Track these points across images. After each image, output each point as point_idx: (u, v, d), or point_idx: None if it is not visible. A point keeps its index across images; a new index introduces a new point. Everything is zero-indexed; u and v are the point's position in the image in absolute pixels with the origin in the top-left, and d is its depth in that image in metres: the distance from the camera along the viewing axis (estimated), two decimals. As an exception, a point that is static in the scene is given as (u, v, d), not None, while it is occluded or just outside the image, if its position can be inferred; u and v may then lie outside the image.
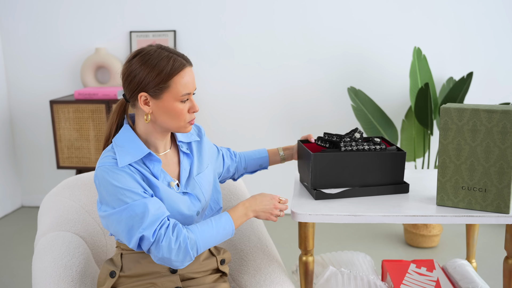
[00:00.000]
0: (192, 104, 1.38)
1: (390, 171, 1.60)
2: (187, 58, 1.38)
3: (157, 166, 1.39)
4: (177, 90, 1.33)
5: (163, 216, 1.30)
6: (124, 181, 1.30)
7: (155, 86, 1.32)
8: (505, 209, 1.50)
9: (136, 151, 1.36)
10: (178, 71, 1.33)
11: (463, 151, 1.51)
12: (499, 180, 1.48)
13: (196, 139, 1.54)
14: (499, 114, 1.44)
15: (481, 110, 1.46)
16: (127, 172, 1.32)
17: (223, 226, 1.37)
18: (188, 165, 1.49)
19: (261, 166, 1.76)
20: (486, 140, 1.47)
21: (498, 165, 1.48)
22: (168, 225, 1.29)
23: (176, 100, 1.34)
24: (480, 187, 1.51)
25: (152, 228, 1.27)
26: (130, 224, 1.28)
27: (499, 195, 1.49)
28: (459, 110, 1.48)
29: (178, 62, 1.33)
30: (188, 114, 1.38)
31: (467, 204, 1.54)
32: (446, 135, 1.52)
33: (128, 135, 1.39)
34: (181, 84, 1.33)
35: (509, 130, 1.44)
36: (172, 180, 1.42)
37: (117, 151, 1.35)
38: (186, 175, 1.47)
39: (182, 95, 1.34)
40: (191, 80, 1.36)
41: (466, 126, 1.49)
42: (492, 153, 1.47)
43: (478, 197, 1.52)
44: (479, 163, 1.50)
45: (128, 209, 1.28)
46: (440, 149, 1.54)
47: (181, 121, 1.37)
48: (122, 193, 1.29)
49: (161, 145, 1.44)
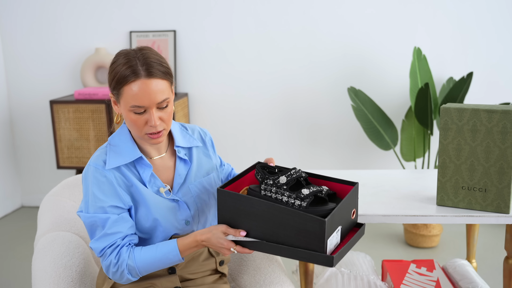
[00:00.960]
0: (149, 118, 1.29)
1: (306, 236, 1.21)
2: (154, 70, 1.27)
3: (147, 171, 1.36)
4: (126, 100, 1.27)
5: (117, 236, 1.31)
6: (101, 191, 1.32)
7: (113, 90, 1.31)
8: (505, 209, 1.50)
9: (127, 153, 1.35)
10: (127, 80, 1.26)
11: (463, 151, 1.51)
12: (499, 180, 1.48)
13: (197, 144, 1.48)
14: (499, 114, 1.44)
15: (481, 110, 1.46)
16: (110, 179, 1.32)
17: (167, 255, 1.31)
18: (185, 171, 1.44)
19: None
20: (486, 140, 1.47)
21: (498, 165, 1.48)
22: (116, 246, 1.31)
23: (128, 110, 1.29)
24: (480, 187, 1.51)
25: (102, 245, 1.31)
26: (92, 229, 1.34)
27: (499, 195, 1.49)
28: (459, 110, 1.48)
29: (129, 71, 1.26)
30: (147, 126, 1.30)
31: (467, 204, 1.54)
32: (446, 135, 1.52)
33: (124, 135, 1.38)
34: (129, 95, 1.26)
35: (509, 130, 1.44)
36: (162, 186, 1.39)
37: (109, 150, 1.35)
38: (180, 181, 1.42)
39: (131, 106, 1.27)
40: (143, 93, 1.26)
41: (466, 126, 1.49)
42: (492, 153, 1.48)
43: (478, 197, 1.52)
44: (479, 163, 1.50)
45: (93, 218, 1.32)
46: (440, 149, 1.54)
47: (138, 131, 1.31)
48: (93, 201, 1.32)
49: (151, 149, 1.40)
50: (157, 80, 1.27)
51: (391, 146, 3.02)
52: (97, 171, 1.33)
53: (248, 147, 3.51)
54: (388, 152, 3.36)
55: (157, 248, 1.32)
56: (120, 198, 1.33)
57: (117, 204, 1.33)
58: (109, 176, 1.32)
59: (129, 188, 1.35)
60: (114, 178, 1.33)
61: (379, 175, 1.89)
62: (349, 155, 3.41)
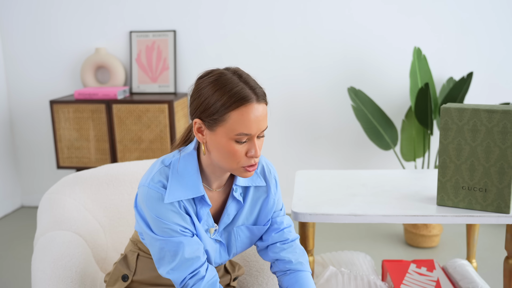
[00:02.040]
0: (250, 147, 1.15)
1: None
2: (260, 92, 1.15)
3: (204, 208, 1.24)
4: (232, 127, 1.12)
5: (198, 264, 1.20)
6: (165, 216, 1.19)
7: (210, 116, 1.13)
8: (505, 209, 1.50)
9: (191, 188, 1.20)
10: (239, 105, 1.11)
11: (464, 151, 1.51)
12: (500, 180, 1.48)
13: (261, 184, 1.31)
14: (500, 114, 1.44)
15: (481, 110, 1.46)
16: (171, 209, 1.19)
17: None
18: (234, 211, 1.30)
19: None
20: (487, 140, 1.47)
21: (498, 165, 1.48)
22: (200, 277, 1.20)
23: (230, 138, 1.13)
24: (481, 187, 1.51)
25: (183, 274, 1.19)
26: (161, 255, 1.21)
27: (500, 195, 1.49)
28: (460, 110, 1.48)
29: (242, 94, 1.12)
30: (245, 157, 1.16)
31: (468, 204, 1.54)
32: (447, 135, 1.52)
33: (191, 165, 1.22)
34: (238, 122, 1.11)
35: (509, 130, 1.44)
36: (213, 226, 1.27)
37: (171, 180, 1.20)
38: (227, 222, 1.30)
39: (237, 134, 1.13)
40: (255, 119, 1.13)
41: (466, 126, 1.49)
42: (492, 153, 1.47)
43: (479, 197, 1.52)
44: (479, 163, 1.50)
45: (162, 241, 1.20)
46: (441, 149, 1.54)
47: (234, 163, 1.16)
48: (160, 225, 1.20)
49: (216, 181, 1.27)
50: (264, 105, 1.16)
51: (391, 146, 3.02)
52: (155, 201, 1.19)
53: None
54: (388, 152, 3.36)
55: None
56: (184, 219, 1.21)
57: (185, 225, 1.20)
58: (169, 207, 1.19)
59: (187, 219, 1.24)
60: (175, 209, 1.20)
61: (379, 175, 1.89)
62: (349, 155, 3.41)
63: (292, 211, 1.56)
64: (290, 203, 3.54)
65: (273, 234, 1.36)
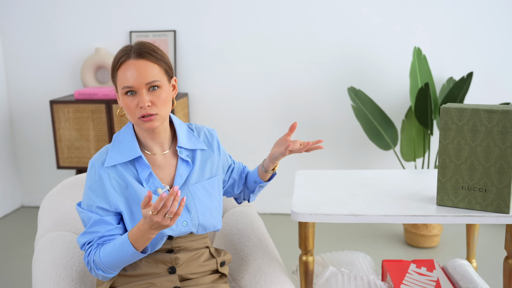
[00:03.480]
0: (139, 99, 1.31)
1: None
2: (142, 52, 1.32)
3: (145, 170, 1.38)
4: (119, 83, 1.33)
5: (95, 235, 1.35)
6: (93, 190, 1.36)
7: (112, 80, 1.36)
8: (505, 209, 1.49)
9: (128, 151, 1.37)
10: (119, 64, 1.32)
11: (463, 151, 1.51)
12: (499, 180, 1.48)
13: (202, 147, 1.48)
14: (499, 114, 1.44)
15: (481, 110, 1.46)
16: (103, 179, 1.35)
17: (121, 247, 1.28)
18: (186, 172, 1.44)
19: (255, 182, 1.63)
20: (486, 140, 1.47)
21: (498, 165, 1.48)
22: (91, 244, 1.36)
23: (122, 94, 1.33)
24: (480, 187, 1.51)
25: (82, 240, 1.37)
26: (82, 223, 1.41)
27: (499, 195, 1.49)
28: (459, 110, 1.48)
29: (120, 55, 1.32)
30: (138, 109, 1.32)
31: (467, 204, 1.53)
32: (446, 135, 1.52)
33: (127, 133, 1.41)
34: (120, 78, 1.32)
35: (509, 130, 1.44)
36: (161, 186, 1.39)
37: (112, 147, 1.39)
38: (181, 182, 1.42)
39: (123, 88, 1.32)
40: (132, 74, 1.30)
41: (466, 126, 1.49)
42: (492, 153, 1.47)
43: (478, 197, 1.52)
44: (479, 163, 1.50)
45: (83, 213, 1.38)
46: (440, 149, 1.54)
47: (132, 115, 1.33)
48: (86, 198, 1.38)
49: (153, 145, 1.42)
50: (146, 62, 1.31)
51: (391, 146, 3.02)
52: (93, 169, 1.37)
53: (248, 147, 3.51)
54: (388, 152, 3.36)
55: (115, 241, 1.32)
56: (108, 200, 1.36)
57: (104, 206, 1.36)
58: (103, 176, 1.35)
59: (123, 191, 1.36)
60: (108, 179, 1.36)
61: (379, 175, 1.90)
62: (349, 155, 3.41)
63: (292, 211, 1.56)
64: (290, 203, 3.54)
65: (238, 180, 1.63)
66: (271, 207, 3.58)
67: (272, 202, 3.57)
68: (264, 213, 3.58)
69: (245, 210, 1.93)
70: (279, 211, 3.59)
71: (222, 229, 1.86)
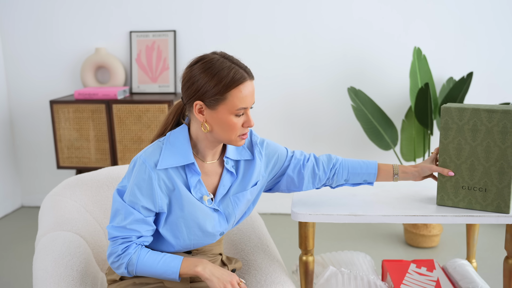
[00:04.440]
0: (247, 119, 1.34)
1: None
2: (249, 71, 1.34)
3: (195, 177, 1.37)
4: (233, 103, 1.30)
5: (134, 233, 1.34)
6: (139, 188, 1.33)
7: (212, 97, 1.29)
8: (505, 209, 1.49)
9: (182, 155, 1.35)
10: (237, 84, 1.29)
11: (464, 150, 1.51)
12: (499, 179, 1.48)
13: (247, 158, 1.47)
14: (500, 114, 1.44)
15: (481, 110, 1.46)
16: (152, 179, 1.33)
17: (166, 269, 1.34)
18: (229, 183, 1.45)
19: (366, 181, 1.60)
20: (487, 139, 1.47)
21: (498, 165, 1.48)
22: (130, 241, 1.35)
23: (231, 113, 1.31)
24: (480, 187, 1.51)
25: (117, 233, 1.34)
26: (114, 212, 1.37)
27: (499, 195, 1.49)
28: (460, 109, 1.48)
29: (238, 75, 1.29)
30: (241, 128, 1.34)
31: (467, 203, 1.53)
32: (447, 135, 1.52)
33: (183, 136, 1.38)
34: (238, 98, 1.29)
35: (509, 130, 1.44)
36: (206, 194, 1.40)
37: (165, 148, 1.35)
38: (223, 192, 1.44)
39: (238, 109, 1.30)
40: (250, 94, 1.32)
41: (466, 125, 1.49)
42: (492, 152, 1.47)
43: (478, 197, 1.52)
44: (479, 162, 1.50)
45: (122, 205, 1.35)
46: (441, 148, 1.54)
47: (233, 134, 1.34)
48: (130, 194, 1.34)
49: (209, 154, 1.41)
50: (253, 81, 1.35)
51: (391, 146, 3.02)
52: (143, 167, 1.33)
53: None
54: (388, 152, 3.37)
55: (161, 259, 1.34)
56: (153, 200, 1.34)
57: (149, 207, 1.34)
58: (152, 177, 1.33)
59: (170, 192, 1.36)
60: (157, 180, 1.33)
61: (379, 175, 1.89)
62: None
63: (292, 211, 1.56)
64: (290, 203, 3.54)
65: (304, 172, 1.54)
66: (271, 207, 3.58)
67: (272, 202, 3.57)
68: (264, 213, 3.58)
69: (245, 210, 1.93)
70: (279, 211, 3.59)
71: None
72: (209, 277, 1.32)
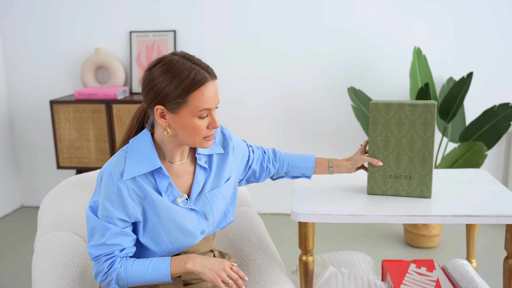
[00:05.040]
0: (212, 120, 1.29)
1: None
2: (211, 71, 1.29)
3: (164, 181, 1.34)
4: (195, 105, 1.25)
5: (116, 248, 1.31)
6: (110, 201, 1.30)
7: (173, 100, 1.25)
8: (427, 193, 1.62)
9: (147, 162, 1.31)
10: (198, 86, 1.24)
11: (390, 142, 1.63)
12: (422, 167, 1.61)
13: (219, 151, 1.45)
14: (421, 108, 1.57)
15: (405, 105, 1.59)
16: (121, 190, 1.29)
17: (157, 274, 1.32)
18: (203, 179, 1.41)
19: (304, 174, 1.66)
20: (410, 131, 1.60)
21: (421, 154, 1.60)
22: (113, 256, 1.32)
23: (194, 116, 1.26)
24: (406, 175, 1.63)
25: (98, 252, 1.31)
26: (92, 233, 1.34)
27: (423, 181, 1.61)
28: (387, 105, 1.60)
29: (199, 76, 1.24)
30: (207, 129, 1.30)
31: (395, 191, 1.65)
32: (375, 129, 1.63)
33: (146, 141, 1.34)
34: (200, 100, 1.24)
35: (430, 122, 1.57)
36: (179, 196, 1.37)
37: (129, 157, 1.31)
38: (198, 190, 1.40)
39: (201, 111, 1.26)
40: (213, 95, 1.27)
41: (392, 119, 1.61)
42: (415, 143, 1.60)
43: (404, 184, 1.64)
44: (404, 153, 1.62)
45: (97, 222, 1.32)
46: (370, 141, 1.64)
47: (197, 137, 1.29)
48: (102, 209, 1.31)
49: (176, 155, 1.37)
50: (215, 81, 1.30)
51: (391, 146, 3.02)
52: (110, 179, 1.29)
53: (248, 147, 3.51)
54: (388, 152, 3.36)
55: (149, 266, 1.32)
56: (127, 211, 1.31)
57: (123, 218, 1.31)
58: (121, 188, 1.29)
59: (142, 201, 1.33)
60: (126, 190, 1.30)
61: (379, 175, 1.89)
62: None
63: (292, 211, 1.56)
64: (290, 203, 3.54)
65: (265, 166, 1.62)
66: (271, 207, 3.58)
67: (272, 202, 3.57)
68: (264, 213, 3.58)
69: (245, 210, 1.93)
70: (279, 211, 3.58)
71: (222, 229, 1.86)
72: (201, 270, 1.31)
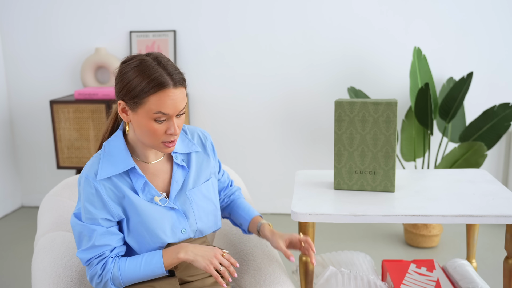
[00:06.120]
0: (169, 126, 1.28)
1: None
2: (177, 78, 1.26)
3: (140, 180, 1.34)
4: (150, 107, 1.24)
5: (106, 248, 1.32)
6: (91, 203, 1.31)
7: (132, 98, 1.26)
8: (391, 188, 1.67)
9: (121, 162, 1.32)
10: (156, 90, 1.23)
11: (355, 139, 1.68)
12: (385, 163, 1.66)
13: (197, 150, 1.46)
14: (384, 106, 1.62)
15: (369, 103, 1.64)
16: (99, 191, 1.30)
17: (151, 269, 1.32)
18: (182, 177, 1.41)
19: (241, 225, 1.62)
20: (374, 128, 1.65)
21: (384, 150, 1.66)
22: (104, 257, 1.32)
23: (150, 118, 1.26)
24: (370, 170, 1.68)
25: (89, 255, 1.32)
26: (77, 237, 1.34)
27: (386, 176, 1.67)
28: (351, 103, 1.65)
29: (158, 80, 1.23)
30: (165, 135, 1.29)
31: (360, 186, 1.70)
32: (340, 126, 1.68)
33: (118, 143, 1.35)
34: (155, 104, 1.24)
35: (392, 119, 1.62)
36: (157, 194, 1.37)
37: (102, 159, 1.33)
38: (177, 188, 1.40)
39: (155, 113, 1.25)
40: (172, 101, 1.25)
41: (357, 117, 1.66)
42: (379, 140, 1.65)
43: (369, 179, 1.69)
44: (368, 149, 1.67)
45: (82, 226, 1.32)
46: (336, 139, 1.69)
47: (155, 140, 1.29)
48: (85, 212, 1.32)
49: (150, 154, 1.38)
50: (181, 89, 1.27)
51: (391, 146, 3.01)
52: (87, 182, 1.31)
53: (247, 148, 3.51)
54: (388, 152, 3.36)
55: (142, 262, 1.33)
56: (109, 211, 1.32)
57: (107, 217, 1.32)
58: (99, 188, 1.30)
59: (121, 200, 1.33)
60: (104, 190, 1.31)
61: (379, 175, 1.89)
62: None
63: (292, 211, 1.56)
64: (290, 203, 3.54)
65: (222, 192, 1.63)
66: (271, 207, 3.58)
67: (272, 202, 3.57)
68: (264, 213, 3.58)
69: (245, 210, 1.93)
70: (279, 211, 3.58)
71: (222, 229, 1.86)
72: (194, 258, 1.32)
